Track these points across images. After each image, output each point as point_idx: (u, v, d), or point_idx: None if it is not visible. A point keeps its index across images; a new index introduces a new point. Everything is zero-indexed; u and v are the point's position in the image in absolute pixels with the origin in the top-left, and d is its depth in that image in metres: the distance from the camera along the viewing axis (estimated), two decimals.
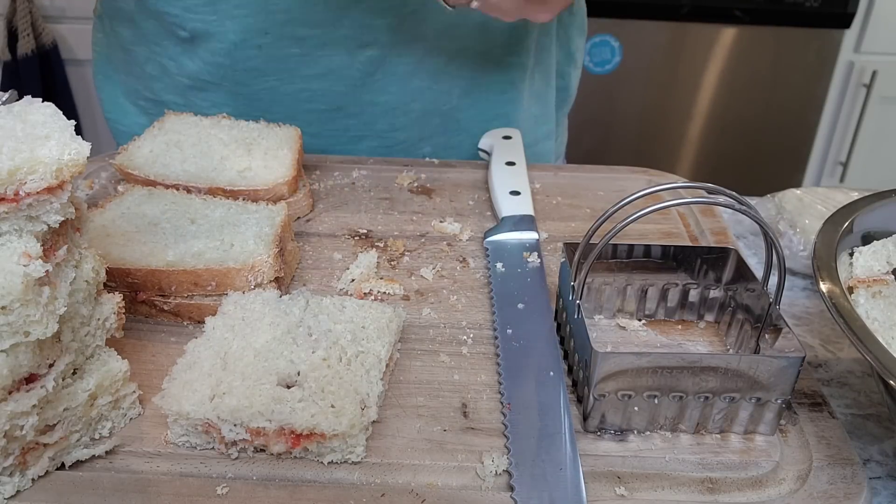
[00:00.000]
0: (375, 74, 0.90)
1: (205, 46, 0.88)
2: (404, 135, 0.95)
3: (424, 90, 0.92)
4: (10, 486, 0.47)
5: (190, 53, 0.89)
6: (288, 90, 0.90)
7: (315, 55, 0.88)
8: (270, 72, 0.89)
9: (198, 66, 0.90)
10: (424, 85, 0.92)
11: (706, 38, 2.15)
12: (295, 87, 0.90)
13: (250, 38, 0.86)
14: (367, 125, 0.94)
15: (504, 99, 0.97)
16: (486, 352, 0.61)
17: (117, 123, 1.00)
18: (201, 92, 0.92)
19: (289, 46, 0.87)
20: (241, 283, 0.62)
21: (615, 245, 0.62)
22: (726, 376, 0.51)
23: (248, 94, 0.91)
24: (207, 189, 0.73)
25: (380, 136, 0.95)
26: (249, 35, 0.86)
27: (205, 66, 0.89)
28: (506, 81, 0.96)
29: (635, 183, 0.87)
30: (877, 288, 0.57)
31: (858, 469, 0.51)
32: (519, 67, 0.96)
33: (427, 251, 0.74)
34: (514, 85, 0.97)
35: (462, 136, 0.97)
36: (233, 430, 0.49)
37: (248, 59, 0.88)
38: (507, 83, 0.96)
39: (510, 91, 0.97)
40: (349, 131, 0.94)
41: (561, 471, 0.49)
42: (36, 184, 0.44)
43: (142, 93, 0.96)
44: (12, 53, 2.18)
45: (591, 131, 2.27)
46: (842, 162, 2.33)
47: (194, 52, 0.89)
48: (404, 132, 0.95)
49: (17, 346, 0.44)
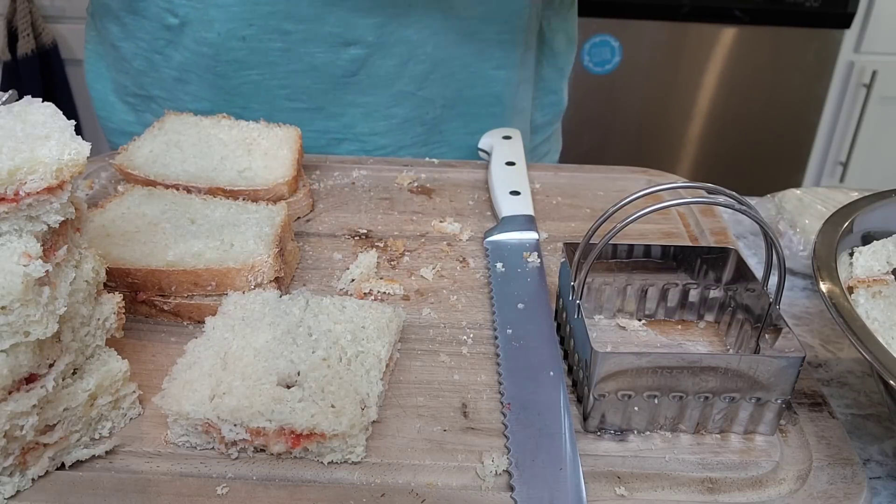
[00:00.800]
0: (358, 74, 0.90)
1: (192, 35, 0.88)
2: (384, 140, 0.95)
3: (408, 95, 0.93)
4: (10, 486, 0.47)
5: (176, 44, 0.89)
6: (269, 85, 0.90)
7: (298, 51, 0.88)
8: (253, 65, 0.89)
9: (184, 56, 0.90)
10: (408, 90, 0.92)
11: (706, 38, 2.15)
12: (277, 82, 0.90)
13: (235, 28, 0.86)
14: (348, 127, 0.94)
15: (488, 113, 0.97)
16: (486, 352, 0.61)
17: (107, 121, 1.02)
18: (185, 85, 0.92)
19: (272, 40, 0.87)
20: (241, 283, 0.62)
21: (615, 245, 0.62)
22: (726, 376, 0.51)
23: (230, 88, 0.91)
24: (207, 189, 0.73)
25: (360, 139, 0.95)
26: (234, 25, 0.86)
27: (191, 56, 0.89)
28: (491, 95, 0.96)
29: (635, 183, 0.87)
30: (877, 288, 0.57)
31: (858, 469, 0.51)
32: (505, 82, 0.96)
33: (427, 251, 0.74)
34: (499, 99, 0.97)
35: (444, 148, 0.98)
36: (233, 430, 0.49)
37: (232, 50, 0.88)
38: (491, 97, 0.97)
39: (495, 105, 0.97)
40: (328, 133, 0.94)
41: (561, 471, 0.49)
42: (36, 184, 0.44)
43: (130, 89, 0.97)
44: (12, 53, 2.18)
45: (591, 131, 2.27)
46: (842, 162, 2.33)
47: (180, 42, 0.89)
48: (384, 137, 0.95)
49: (17, 346, 0.44)
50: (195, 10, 0.86)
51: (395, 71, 0.90)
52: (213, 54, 0.88)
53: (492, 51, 0.93)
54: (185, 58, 0.90)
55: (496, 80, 0.95)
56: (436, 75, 0.92)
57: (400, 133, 0.95)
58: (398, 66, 0.90)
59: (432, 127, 0.96)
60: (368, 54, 0.88)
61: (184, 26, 0.88)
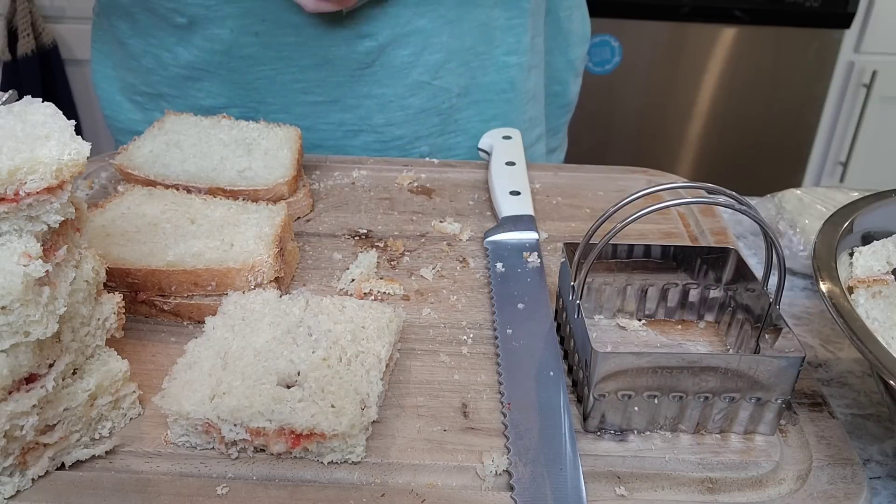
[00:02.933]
0: (373, 66, 0.89)
1: (202, 33, 0.88)
2: (401, 131, 0.95)
3: (423, 85, 0.92)
4: (10, 486, 0.47)
5: (185, 42, 0.89)
6: (284, 79, 0.90)
7: (312, 45, 0.87)
8: (267, 60, 0.89)
9: (193, 54, 0.90)
10: (423, 80, 0.92)
11: (706, 38, 2.15)
12: (291, 76, 0.90)
13: (248, 24, 0.86)
14: (363, 119, 0.93)
15: (502, 99, 0.97)
16: (486, 352, 0.61)
17: (114, 120, 1.02)
18: (197, 82, 0.92)
19: (286, 35, 0.87)
20: (241, 283, 0.62)
21: (615, 245, 0.62)
22: (726, 376, 0.51)
23: (244, 84, 0.91)
24: (207, 189, 0.73)
25: (376, 130, 0.94)
26: (247, 21, 0.86)
27: (201, 53, 0.89)
28: (505, 81, 0.96)
29: (635, 183, 0.87)
30: (877, 288, 0.57)
31: (858, 469, 0.51)
32: (517, 68, 0.96)
33: (427, 251, 0.74)
34: (512, 85, 0.97)
35: (460, 137, 0.97)
36: (233, 430, 0.49)
37: (245, 46, 0.88)
38: (505, 83, 0.96)
39: (509, 91, 0.97)
40: (344, 125, 0.93)
41: (561, 471, 0.49)
42: (36, 184, 0.44)
43: (138, 87, 0.97)
44: (12, 53, 2.17)
45: (591, 131, 2.27)
46: (842, 162, 2.33)
47: (190, 41, 0.89)
48: (401, 128, 0.94)
49: (17, 346, 0.44)
50: (206, 9, 0.86)
51: (410, 61, 0.90)
52: (226, 50, 0.88)
53: (503, 37, 0.93)
54: (195, 56, 0.90)
55: (508, 65, 0.95)
56: (451, 64, 0.92)
57: (416, 123, 0.95)
58: (413, 56, 0.90)
59: (448, 116, 0.96)
60: (383, 46, 0.88)
61: (192, 25, 0.87)
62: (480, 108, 0.97)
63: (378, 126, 0.94)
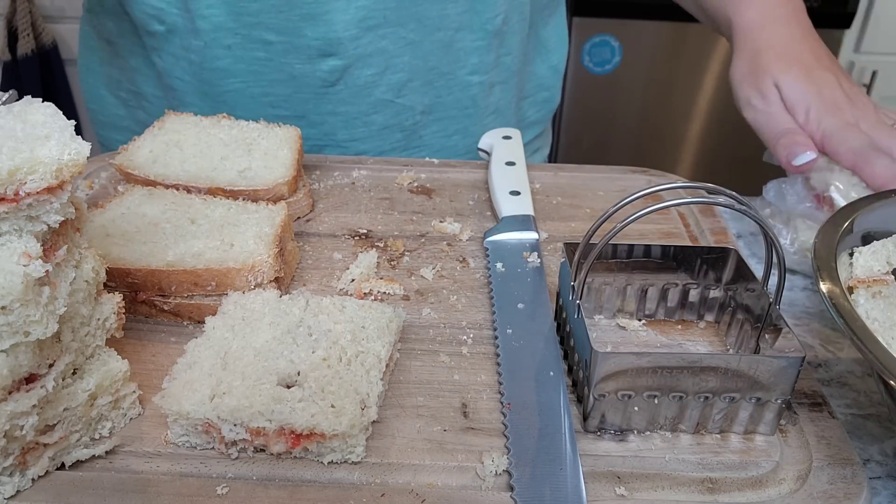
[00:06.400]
0: (337, 84, 0.91)
1: (178, 42, 0.89)
2: (365, 146, 0.97)
3: (387, 103, 0.94)
4: (10, 486, 0.47)
5: (160, 50, 0.91)
6: (253, 93, 0.92)
7: (279, 61, 0.89)
8: (238, 73, 0.91)
9: (167, 63, 0.91)
10: (386, 98, 0.94)
11: (706, 38, 2.15)
12: (260, 90, 0.92)
13: (220, 37, 0.88)
14: (328, 135, 0.95)
15: (464, 115, 0.99)
16: (486, 352, 0.61)
17: (98, 114, 1.03)
18: (171, 91, 0.94)
19: (256, 49, 0.89)
20: (241, 283, 0.62)
21: (615, 245, 0.62)
22: (726, 376, 0.51)
23: (215, 95, 0.93)
24: (207, 189, 0.73)
25: (341, 146, 0.96)
26: (220, 34, 0.88)
27: (175, 61, 0.91)
28: (467, 98, 0.98)
29: (635, 183, 0.87)
30: (877, 288, 0.57)
31: (858, 469, 0.51)
32: (479, 86, 0.98)
33: (427, 251, 0.74)
34: (474, 101, 0.99)
35: (424, 152, 1.00)
36: (233, 430, 0.49)
37: (217, 58, 0.90)
38: (468, 100, 0.98)
39: (470, 108, 0.99)
40: (309, 140, 0.95)
41: (561, 471, 0.49)
42: (36, 184, 0.44)
43: (123, 84, 0.98)
44: (12, 53, 2.18)
45: (591, 131, 2.27)
46: None
47: (165, 49, 0.91)
48: (365, 143, 0.97)
49: (17, 346, 0.44)
50: (182, 19, 0.87)
51: (373, 80, 0.92)
52: (200, 61, 0.90)
53: (467, 57, 0.95)
54: (171, 64, 0.91)
55: (471, 84, 0.97)
56: (414, 83, 0.94)
57: (380, 139, 0.97)
58: (376, 76, 0.92)
59: (412, 132, 0.98)
60: (346, 65, 0.90)
61: (170, 34, 0.89)
62: (444, 124, 0.99)
63: (343, 141, 0.96)
